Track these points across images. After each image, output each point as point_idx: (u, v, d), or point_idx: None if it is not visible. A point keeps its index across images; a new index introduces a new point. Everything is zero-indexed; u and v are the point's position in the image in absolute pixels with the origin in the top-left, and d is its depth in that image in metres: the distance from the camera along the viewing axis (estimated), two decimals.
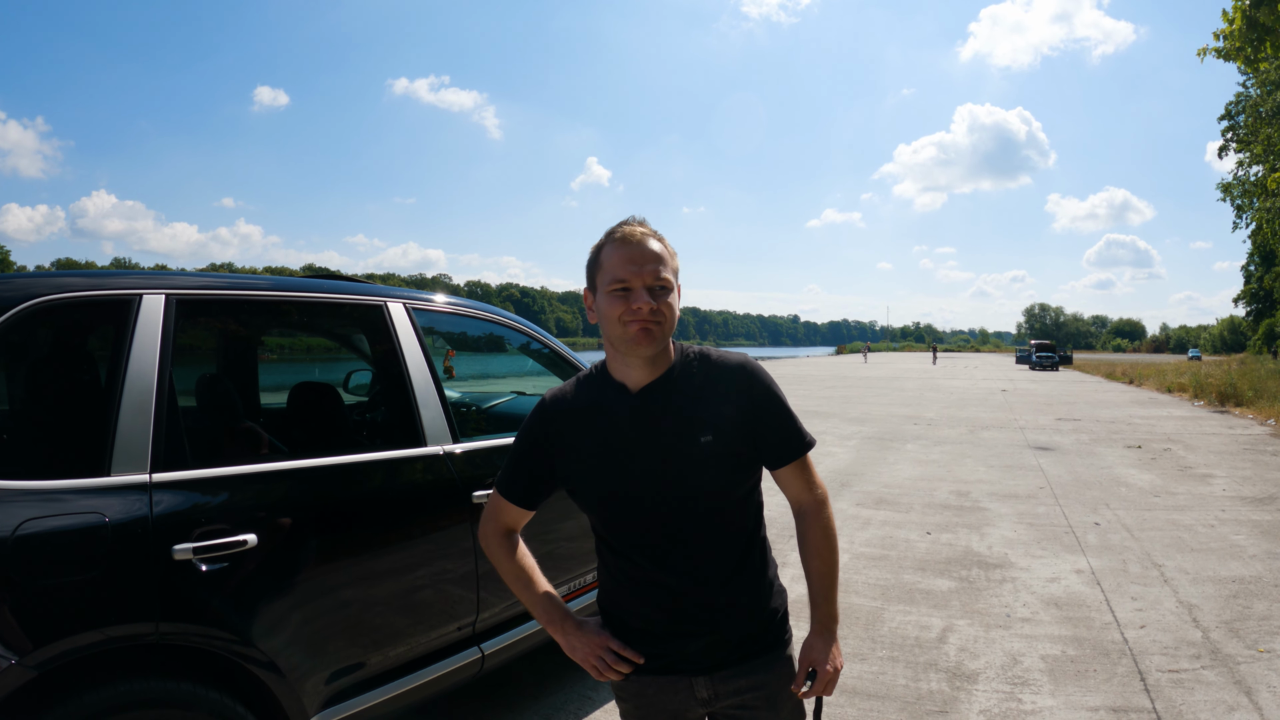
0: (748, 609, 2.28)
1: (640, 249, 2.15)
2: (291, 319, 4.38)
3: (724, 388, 2.23)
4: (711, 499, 2.20)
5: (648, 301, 2.10)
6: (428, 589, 3.68)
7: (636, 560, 2.25)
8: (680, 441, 2.18)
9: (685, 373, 2.25)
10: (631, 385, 2.23)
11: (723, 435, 2.18)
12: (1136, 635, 5.70)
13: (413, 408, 3.87)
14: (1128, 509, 9.88)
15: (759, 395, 2.24)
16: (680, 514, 2.19)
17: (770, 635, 2.33)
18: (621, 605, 2.34)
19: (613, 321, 2.14)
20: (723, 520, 2.23)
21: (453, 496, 3.83)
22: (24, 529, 2.50)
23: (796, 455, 2.30)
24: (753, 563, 2.30)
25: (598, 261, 2.21)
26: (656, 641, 2.28)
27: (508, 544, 2.46)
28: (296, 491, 3.28)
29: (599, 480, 2.25)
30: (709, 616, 2.24)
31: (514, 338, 5.04)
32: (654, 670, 2.29)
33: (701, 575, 2.22)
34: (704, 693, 2.27)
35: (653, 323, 2.12)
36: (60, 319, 2.99)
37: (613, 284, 2.14)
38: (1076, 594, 6.68)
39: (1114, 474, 12.43)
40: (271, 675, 3.03)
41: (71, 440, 2.92)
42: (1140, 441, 16.54)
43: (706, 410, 2.20)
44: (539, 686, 4.98)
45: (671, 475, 2.18)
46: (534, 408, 2.40)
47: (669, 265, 2.18)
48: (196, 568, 2.82)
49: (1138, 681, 4.94)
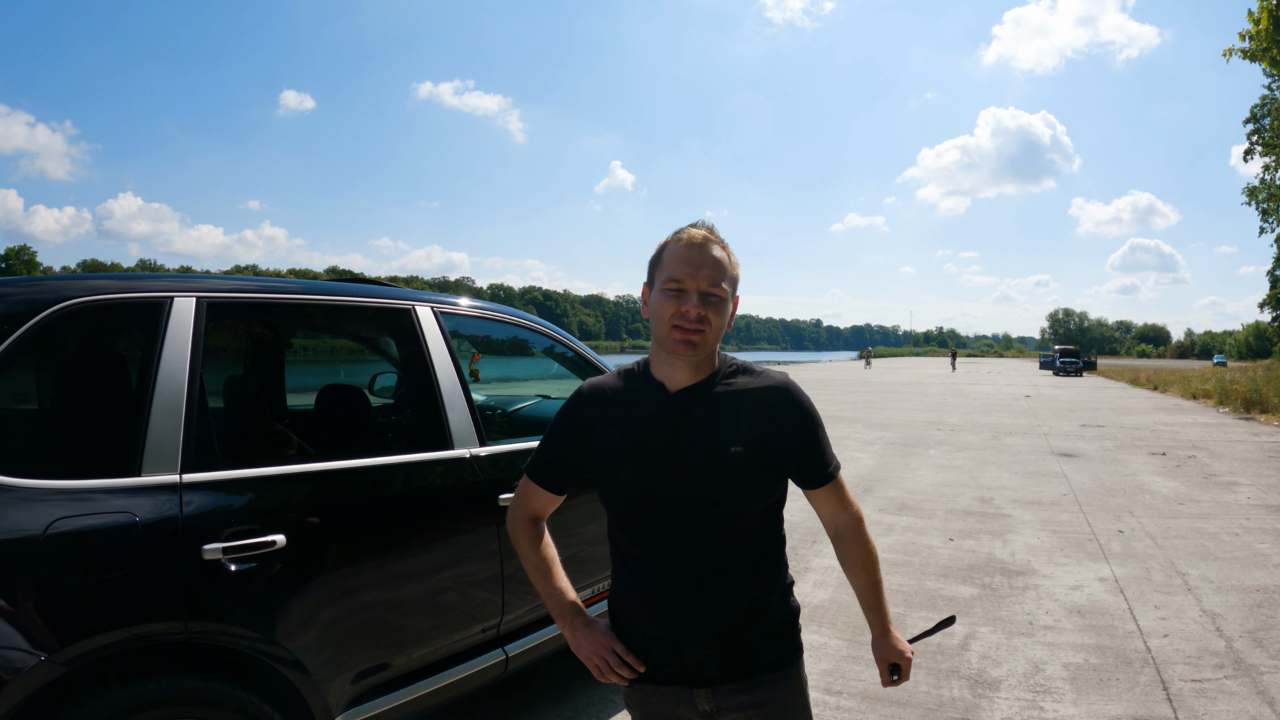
0: (753, 623, 2.27)
1: (701, 253, 2.16)
2: (320, 322, 4.42)
3: (761, 404, 2.22)
4: (731, 509, 2.19)
5: (696, 306, 2.12)
6: (453, 591, 3.70)
7: (646, 563, 2.26)
8: (709, 448, 2.17)
9: (725, 382, 2.25)
10: (670, 386, 2.24)
11: (752, 448, 2.17)
12: (1159, 644, 5.67)
13: (440, 410, 3.89)
14: (1152, 517, 9.83)
15: (795, 418, 2.23)
16: (696, 520, 2.19)
17: (776, 653, 2.32)
18: (629, 610, 2.34)
19: (662, 320, 2.16)
20: (738, 531, 2.22)
21: (478, 499, 3.84)
22: (55, 528, 2.53)
23: (825, 482, 2.30)
24: (763, 576, 2.28)
25: (659, 259, 2.24)
26: (660, 649, 2.28)
27: (533, 531, 2.47)
28: (324, 493, 3.30)
29: (622, 474, 2.24)
30: (712, 626, 2.23)
31: (539, 341, 5.06)
32: (657, 680, 2.30)
33: (709, 584, 2.21)
34: (705, 705, 2.27)
35: (696, 332, 2.13)
36: (92, 321, 3.01)
37: (668, 282, 2.16)
38: (1100, 602, 6.65)
39: (1138, 481, 12.36)
40: (298, 674, 3.05)
41: (102, 441, 2.95)
42: (1164, 448, 16.43)
43: (740, 422, 2.19)
44: (561, 689, 4.99)
45: (694, 480, 2.17)
46: (572, 394, 2.42)
47: (727, 275, 2.19)
48: (226, 567, 2.84)
49: (1160, 691, 4.92)
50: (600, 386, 2.37)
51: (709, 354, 2.23)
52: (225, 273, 3.53)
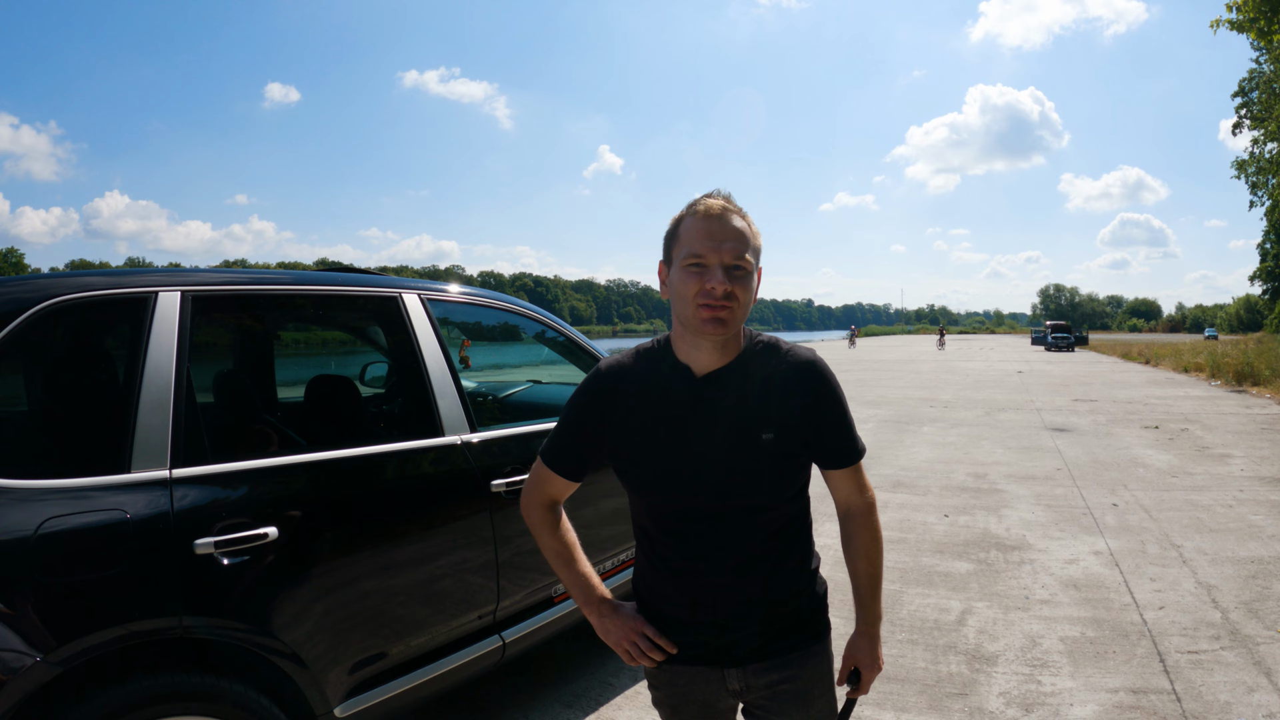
0: (785, 604, 2.23)
1: (721, 224, 2.04)
2: (307, 312, 4.39)
3: (791, 384, 2.14)
4: (762, 495, 2.14)
5: (722, 282, 2.00)
6: (448, 578, 3.69)
7: (675, 547, 2.21)
8: (740, 435, 2.10)
9: (753, 363, 2.16)
10: (696, 369, 2.15)
11: (784, 434, 2.11)
12: (1155, 616, 5.69)
13: (429, 398, 3.88)
14: (1146, 490, 9.86)
15: (824, 397, 2.17)
16: (727, 506, 2.13)
17: (806, 630, 2.28)
18: (657, 592, 2.29)
19: (685, 300, 2.05)
20: (769, 516, 2.16)
21: (471, 485, 3.84)
22: (46, 527, 2.52)
23: (850, 462, 2.25)
24: (794, 558, 2.24)
25: (675, 234, 2.12)
26: (690, 631, 2.23)
27: (550, 517, 2.41)
28: (315, 484, 3.29)
29: (649, 461, 2.17)
30: (745, 610, 2.19)
31: (530, 326, 5.05)
32: (686, 660, 2.26)
33: (741, 569, 2.16)
34: (735, 684, 2.23)
35: (724, 308, 2.02)
36: (78, 318, 2.99)
37: (689, 259, 2.04)
38: (1095, 575, 6.68)
39: (1131, 455, 12.41)
40: (294, 667, 3.05)
41: (91, 438, 2.93)
42: (1157, 422, 16.49)
43: (771, 406, 2.11)
44: (560, 674, 5.00)
45: (724, 467, 2.10)
46: (588, 376, 2.32)
47: (750, 245, 2.08)
48: (218, 561, 2.83)
49: (1157, 663, 4.94)
50: (620, 367, 2.27)
51: (735, 334, 2.13)
52: (214, 268, 3.49)
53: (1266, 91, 39.84)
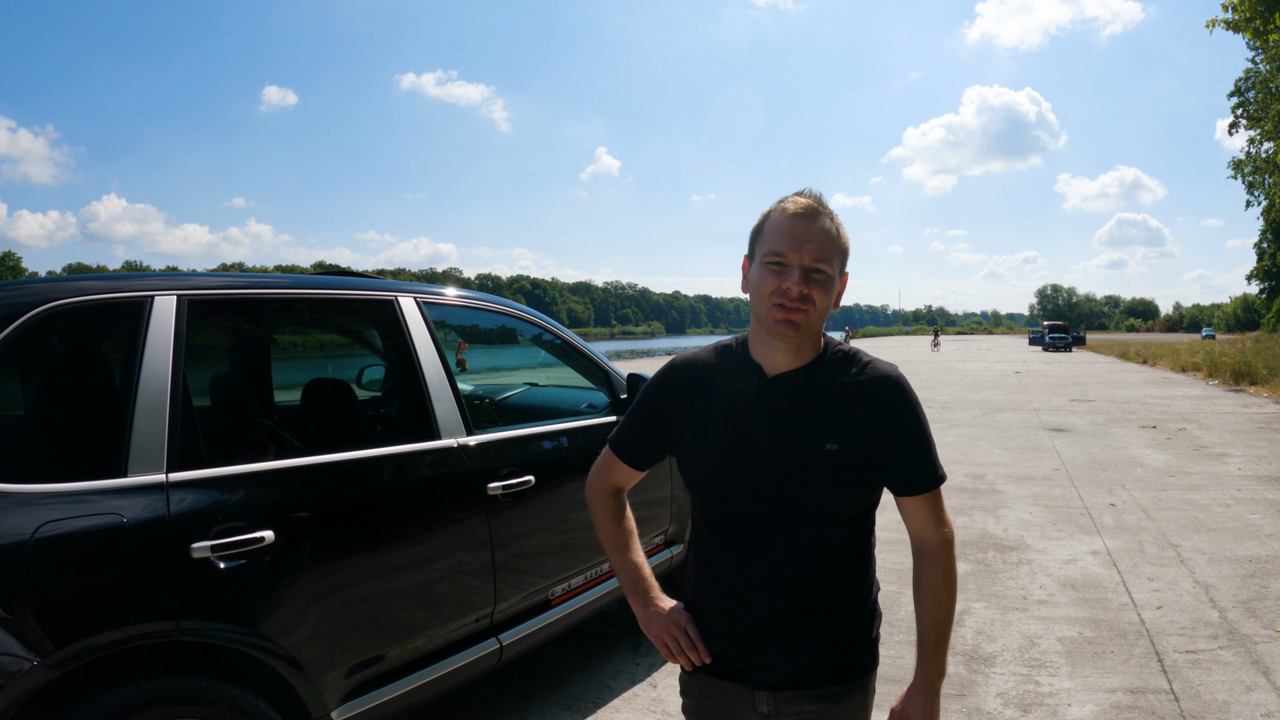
0: (829, 634, 2.11)
1: (806, 224, 1.98)
2: (303, 316, 4.39)
3: (865, 397, 2.04)
4: (820, 510, 2.03)
5: (798, 283, 1.94)
6: (445, 581, 3.69)
7: (722, 553, 2.14)
8: (804, 443, 2.02)
9: (828, 370, 2.08)
10: (768, 369, 2.08)
11: (850, 447, 2.01)
12: (1153, 616, 5.70)
13: (426, 401, 3.87)
14: (1143, 489, 9.87)
15: (901, 414, 2.06)
16: (779, 519, 2.05)
17: (847, 664, 2.15)
18: (699, 596, 2.23)
19: (761, 298, 1.99)
20: (822, 534, 2.06)
21: (468, 488, 3.83)
22: (43, 531, 2.52)
23: (925, 489, 2.11)
24: (846, 584, 2.12)
25: (760, 229, 2.06)
26: (726, 644, 2.16)
27: (613, 504, 2.41)
28: (312, 487, 3.29)
29: (710, 460, 2.11)
30: (783, 632, 2.09)
31: (526, 329, 5.05)
32: (718, 673, 2.18)
33: (784, 586, 2.08)
34: (765, 708, 2.12)
35: (799, 310, 1.95)
36: (74, 322, 3.00)
37: (769, 256, 1.98)
38: (1093, 575, 6.68)
39: (1129, 454, 12.42)
40: (291, 670, 3.04)
41: (88, 442, 2.93)
42: (1155, 421, 16.51)
43: (840, 416, 2.03)
44: (558, 677, 4.99)
45: (784, 476, 2.02)
46: (662, 367, 2.31)
47: (835, 250, 2.00)
48: (215, 565, 2.83)
49: (1155, 662, 4.95)
50: (694, 361, 2.24)
51: (812, 336, 2.06)
52: (211, 271, 3.50)
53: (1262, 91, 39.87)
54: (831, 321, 2.18)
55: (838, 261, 2.02)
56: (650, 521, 5.13)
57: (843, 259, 2.06)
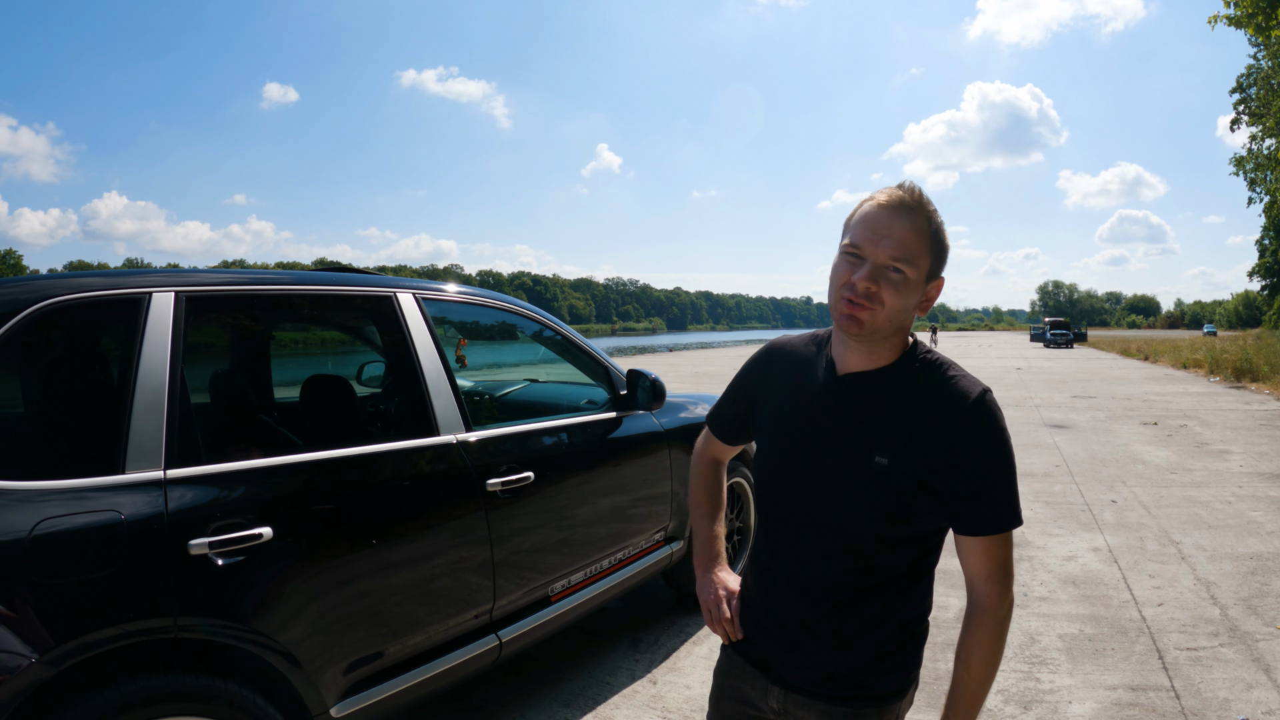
0: (848, 652, 1.99)
1: (890, 218, 1.82)
2: (301, 312, 4.38)
3: (936, 413, 1.85)
4: (854, 524, 1.91)
5: (865, 279, 1.80)
6: (444, 577, 3.68)
7: (767, 543, 2.11)
8: (854, 451, 1.89)
9: (903, 377, 1.92)
10: (840, 367, 1.97)
11: (901, 465, 1.84)
12: (1154, 613, 5.69)
13: (424, 397, 3.86)
14: (1144, 486, 9.86)
15: (974, 439, 1.83)
16: (817, 522, 1.96)
17: (865, 688, 2.00)
18: (747, 577, 2.24)
19: (832, 286, 1.88)
20: (859, 549, 1.93)
21: (466, 484, 3.82)
22: (40, 529, 2.51)
23: (985, 530, 1.85)
24: (877, 607, 1.97)
25: (850, 216, 1.91)
26: (754, 629, 2.16)
27: (709, 474, 2.45)
28: (311, 483, 3.28)
29: (767, 447, 2.09)
30: (802, 634, 2.02)
31: (526, 325, 5.04)
32: (746, 656, 2.18)
33: (812, 592, 2.00)
34: (775, 704, 2.09)
35: (864, 308, 1.81)
36: (72, 319, 2.98)
37: (848, 245, 1.85)
38: (1094, 572, 6.67)
39: (1130, 451, 12.40)
40: (289, 667, 3.03)
41: (86, 439, 2.92)
42: (1156, 418, 16.49)
43: (899, 430, 1.86)
44: (557, 673, 4.98)
45: (827, 481, 1.92)
46: (762, 346, 2.27)
47: (920, 250, 1.83)
48: (213, 562, 2.82)
49: (1156, 660, 4.94)
50: (787, 347, 2.18)
51: (885, 338, 1.89)
52: (211, 268, 3.48)
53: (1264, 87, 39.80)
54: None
55: (924, 263, 1.85)
56: (649, 518, 5.12)
57: (934, 261, 1.89)
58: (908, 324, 1.90)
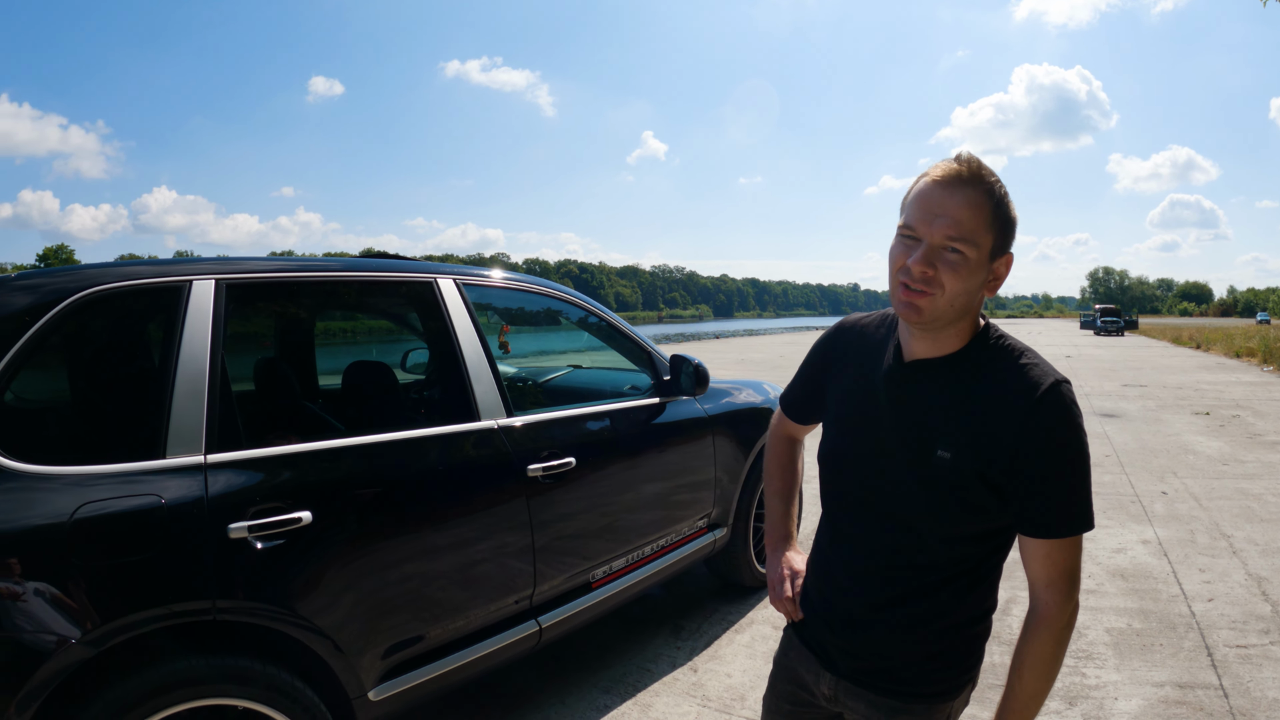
0: (900, 646, 1.94)
1: (945, 194, 1.72)
2: (342, 299, 4.39)
3: (1004, 403, 1.74)
4: (913, 518, 1.85)
5: (920, 262, 1.70)
6: (484, 562, 3.68)
7: (827, 527, 2.09)
8: (915, 443, 1.82)
9: (971, 365, 1.82)
10: (905, 353, 1.89)
11: (965, 460, 1.76)
12: (1204, 609, 5.60)
13: (465, 383, 3.85)
14: (1196, 478, 9.70)
15: (1044, 433, 1.71)
16: (876, 513, 1.92)
17: (913, 686, 1.96)
18: (810, 558, 2.20)
19: (890, 272, 1.79)
20: (918, 544, 1.86)
21: (507, 470, 3.81)
22: (82, 512, 2.53)
23: (1056, 532, 1.74)
24: (935, 603, 1.90)
25: (907, 196, 1.81)
26: (813, 613, 2.13)
27: (784, 453, 2.44)
28: (350, 468, 3.29)
29: (831, 431, 2.05)
30: (854, 622, 1.99)
31: (569, 311, 5.03)
32: (804, 638, 2.15)
33: (866, 582, 1.96)
34: (827, 690, 2.07)
35: (921, 295, 1.72)
36: (115, 307, 3.01)
37: (903, 228, 1.77)
38: (1143, 565, 6.57)
39: (1181, 441, 12.22)
40: (329, 650, 3.05)
41: (127, 424, 2.96)
42: (1208, 408, 16.25)
43: (964, 422, 1.77)
44: (597, 659, 4.98)
45: (888, 472, 1.87)
46: (833, 325, 2.21)
47: (980, 227, 1.71)
48: (252, 546, 2.84)
49: (1204, 657, 4.86)
50: (856, 327, 2.11)
51: (950, 323, 1.79)
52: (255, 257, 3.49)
53: None
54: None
55: (985, 240, 1.73)
56: (692, 504, 5.11)
57: (998, 237, 1.75)
58: (974, 307, 1.80)
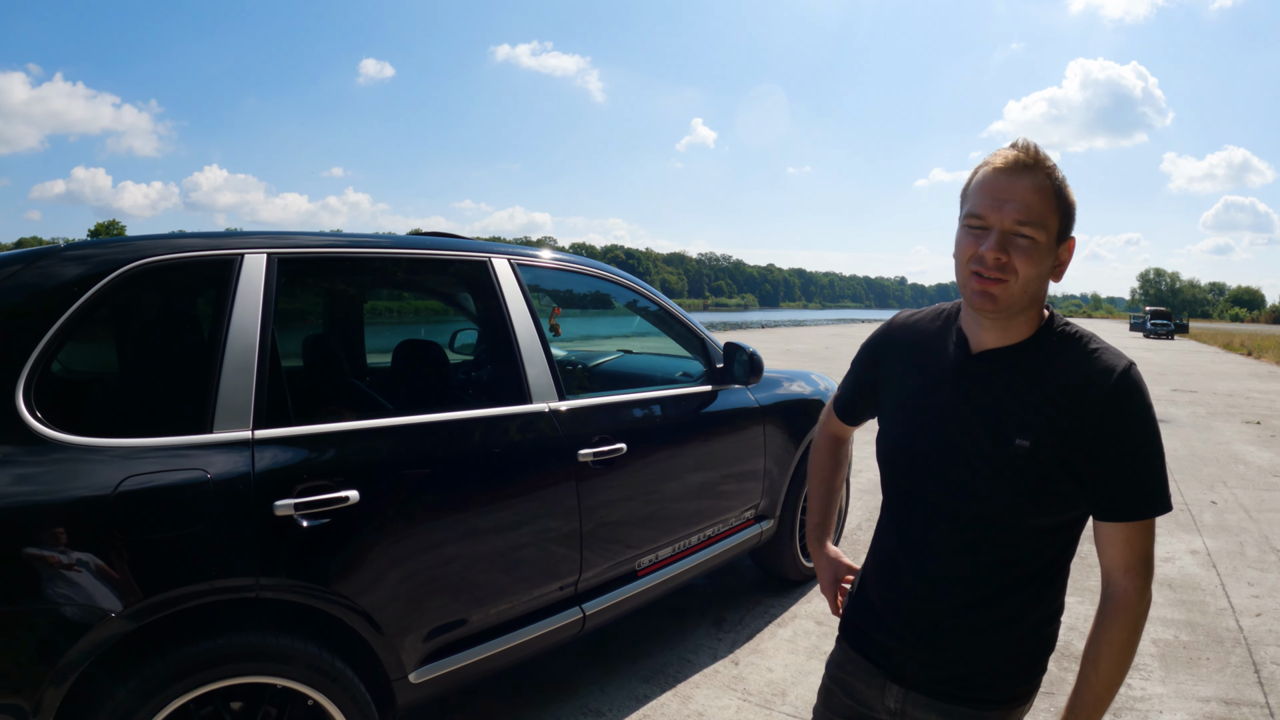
0: (977, 651, 1.90)
1: (1009, 180, 1.73)
2: (395, 277, 4.37)
3: (1079, 389, 1.74)
4: (994, 512, 1.81)
5: (993, 249, 1.71)
6: (530, 547, 3.65)
7: (890, 529, 2.04)
8: (992, 434, 1.79)
9: (1041, 353, 1.82)
10: (973, 345, 1.88)
11: (1044, 447, 1.74)
12: (1252, 624, 5.50)
13: (518, 364, 3.82)
14: (1245, 488, 9.54)
15: (1119, 416, 1.72)
16: (951, 512, 1.86)
17: (987, 692, 1.92)
18: (868, 566, 2.14)
19: (959, 263, 1.80)
20: (998, 540, 1.83)
21: (557, 454, 3.78)
22: (127, 485, 2.52)
23: (1133, 514, 1.77)
24: (1015, 602, 1.87)
25: (967, 187, 1.83)
26: (874, 623, 2.05)
27: (830, 452, 2.46)
28: (399, 448, 3.26)
29: (892, 428, 2.02)
30: (929, 630, 1.92)
31: (622, 294, 4.99)
32: (861, 650, 2.09)
33: (937, 584, 1.90)
34: (893, 704, 2.00)
35: (996, 281, 1.72)
36: (165, 279, 3.00)
37: (969, 218, 1.77)
38: (1191, 576, 6.47)
39: (1231, 450, 12.02)
40: (370, 631, 3.04)
41: (174, 398, 2.95)
42: (1259, 417, 16.00)
43: (1040, 409, 1.76)
44: (638, 648, 4.94)
45: (963, 466, 1.83)
46: (882, 323, 2.20)
47: (1046, 211, 1.73)
48: (298, 524, 2.82)
49: (1251, 673, 4.76)
50: (910, 323, 2.10)
51: (1022, 310, 1.79)
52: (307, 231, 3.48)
53: None
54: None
55: (1052, 224, 1.74)
56: (741, 495, 5.06)
57: (1062, 221, 1.77)
58: (1043, 294, 1.82)
